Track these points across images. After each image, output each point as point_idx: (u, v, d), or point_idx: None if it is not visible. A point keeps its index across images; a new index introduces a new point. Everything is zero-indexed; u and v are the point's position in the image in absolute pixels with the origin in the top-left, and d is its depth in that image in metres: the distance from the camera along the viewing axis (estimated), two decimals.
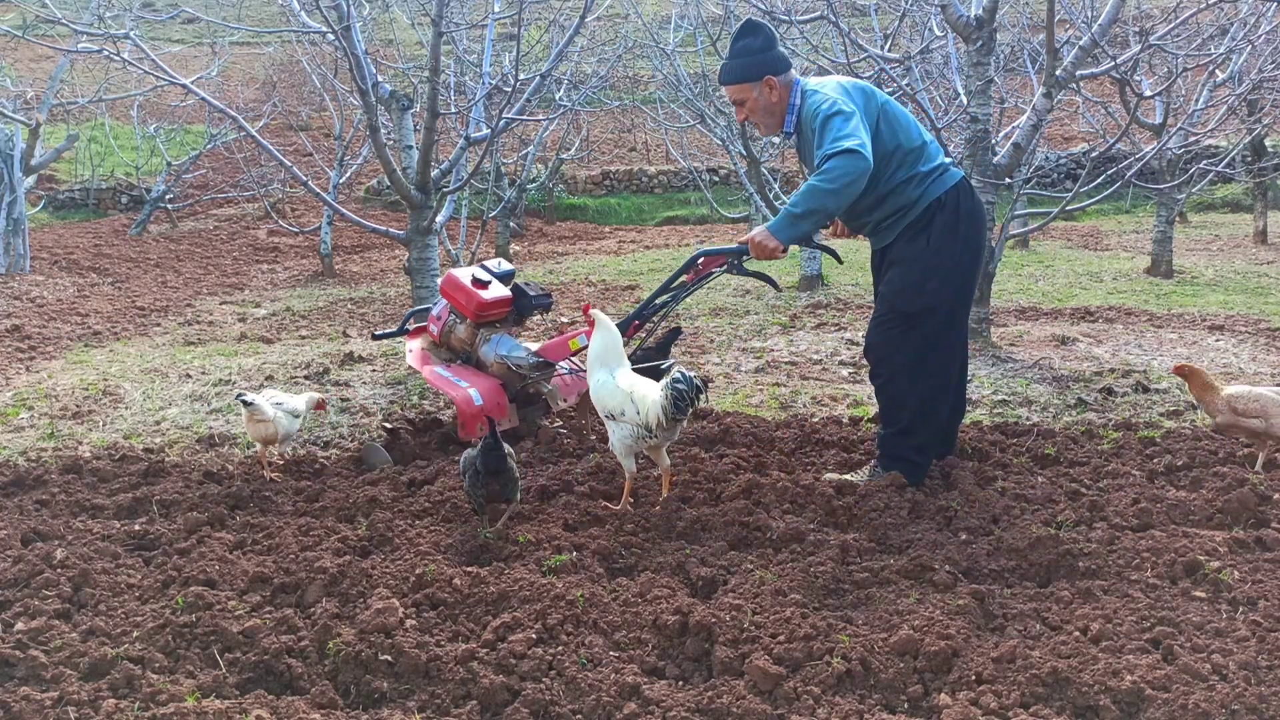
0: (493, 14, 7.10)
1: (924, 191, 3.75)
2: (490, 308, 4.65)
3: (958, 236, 3.76)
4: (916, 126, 3.84)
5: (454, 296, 4.68)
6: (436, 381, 4.57)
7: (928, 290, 3.76)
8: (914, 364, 3.83)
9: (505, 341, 4.68)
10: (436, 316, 4.76)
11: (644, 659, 2.72)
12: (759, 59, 3.77)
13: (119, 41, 5.91)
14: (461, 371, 4.64)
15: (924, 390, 3.85)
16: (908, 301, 3.79)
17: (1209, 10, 7.56)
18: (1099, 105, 10.80)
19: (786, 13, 7.89)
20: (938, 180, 3.77)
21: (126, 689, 2.58)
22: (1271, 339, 6.83)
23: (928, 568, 3.16)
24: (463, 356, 4.75)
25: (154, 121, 16.59)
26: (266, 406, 4.21)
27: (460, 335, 4.72)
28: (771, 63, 3.77)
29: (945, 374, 3.91)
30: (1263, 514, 3.52)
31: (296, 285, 11.18)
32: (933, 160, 3.79)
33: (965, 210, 3.79)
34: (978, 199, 3.85)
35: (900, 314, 3.81)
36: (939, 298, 3.77)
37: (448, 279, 4.72)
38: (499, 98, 7.66)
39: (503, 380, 4.60)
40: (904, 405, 3.87)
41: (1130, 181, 7.30)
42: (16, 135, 11.17)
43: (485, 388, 4.47)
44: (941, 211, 3.76)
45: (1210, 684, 2.49)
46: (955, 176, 3.81)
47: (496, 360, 4.63)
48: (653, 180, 18.64)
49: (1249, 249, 12.34)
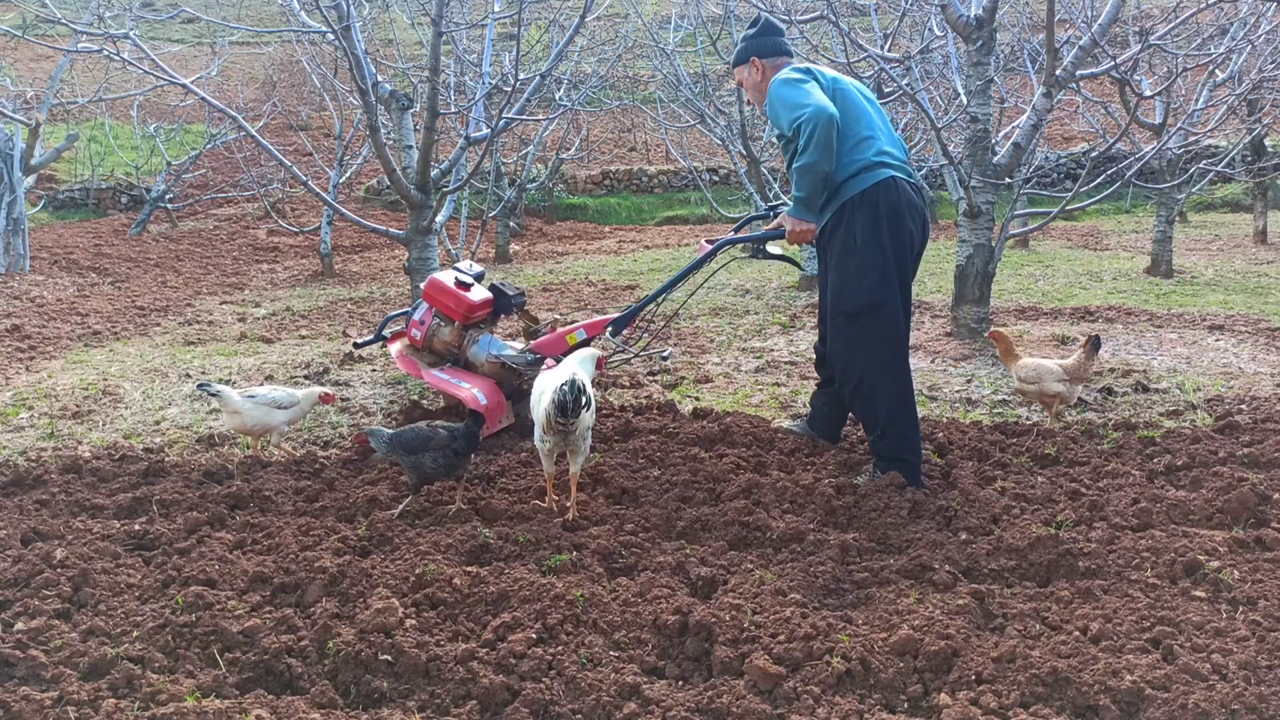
0: (493, 14, 7.10)
1: (843, 184, 3.89)
2: (478, 309, 4.76)
3: (880, 231, 3.87)
4: (865, 120, 3.96)
5: (440, 300, 4.75)
6: (438, 384, 4.61)
7: (866, 286, 3.88)
8: (875, 362, 3.94)
9: (495, 341, 4.77)
10: (419, 321, 4.79)
11: (644, 659, 2.72)
12: (749, 44, 4.17)
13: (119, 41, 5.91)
14: (457, 373, 4.69)
15: (892, 386, 3.96)
16: (852, 301, 3.93)
17: (1209, 10, 7.56)
18: (1099, 105, 10.79)
19: (787, 13, 7.89)
20: (859, 176, 3.88)
21: (126, 689, 2.58)
22: (1271, 339, 6.83)
23: (928, 568, 3.16)
24: (450, 358, 4.78)
25: (154, 121, 16.59)
26: (233, 397, 4.31)
27: (445, 338, 4.78)
28: (758, 47, 4.14)
29: (905, 365, 4.02)
30: (1263, 514, 3.53)
31: (296, 285, 11.18)
32: (865, 154, 3.89)
33: (886, 206, 3.88)
34: (908, 199, 3.93)
35: (848, 316, 3.95)
36: (879, 292, 3.89)
37: (431, 283, 4.79)
38: (499, 97, 7.66)
39: (497, 379, 4.65)
40: (877, 405, 3.98)
41: (1130, 181, 7.29)
42: (16, 135, 11.16)
43: (485, 388, 4.53)
44: (860, 209, 3.88)
45: (1210, 684, 2.49)
46: (881, 175, 3.90)
47: (488, 360, 4.67)
48: (653, 180, 18.64)
49: (1249, 249, 12.34)
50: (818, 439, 4.46)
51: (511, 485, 4.03)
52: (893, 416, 3.95)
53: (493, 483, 4.07)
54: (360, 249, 14.41)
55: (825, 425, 4.47)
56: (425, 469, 3.69)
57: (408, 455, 3.71)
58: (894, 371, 3.96)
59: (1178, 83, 8.56)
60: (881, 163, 3.90)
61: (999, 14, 7.19)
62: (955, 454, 4.36)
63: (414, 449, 3.70)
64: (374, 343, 5.18)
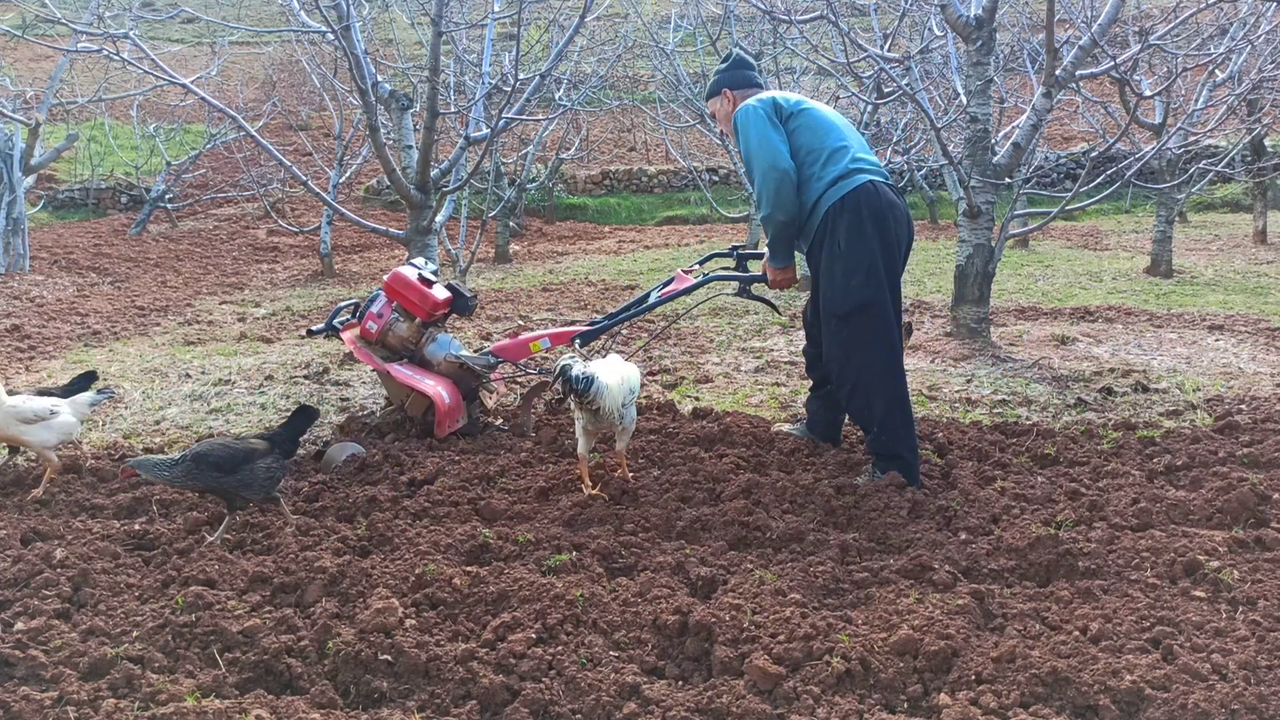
0: (492, 14, 7.10)
1: (820, 197, 3.96)
2: (441, 307, 4.79)
3: (865, 234, 3.91)
4: (835, 133, 4.04)
5: (404, 295, 4.75)
6: (402, 378, 4.61)
7: (854, 287, 3.92)
8: (868, 364, 3.97)
9: (454, 342, 4.80)
10: (376, 314, 4.76)
11: (644, 659, 2.72)
12: (722, 77, 4.35)
13: (119, 41, 5.91)
14: (419, 370, 4.69)
15: (887, 387, 3.98)
16: (841, 303, 3.97)
17: (1209, 10, 7.56)
18: (1099, 105, 10.79)
19: (787, 13, 7.89)
20: (837, 185, 3.94)
21: (126, 689, 2.58)
22: (1271, 339, 6.83)
23: (928, 568, 3.16)
24: (405, 354, 4.78)
25: (154, 121, 16.58)
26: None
27: (402, 333, 4.75)
28: (730, 80, 4.31)
29: (899, 365, 4.05)
30: (1262, 514, 3.53)
31: (296, 285, 11.17)
32: (840, 164, 3.96)
33: (869, 210, 3.93)
34: (888, 200, 3.98)
35: (840, 318, 3.99)
36: (867, 292, 3.92)
37: (395, 277, 4.79)
38: (499, 97, 7.66)
39: (453, 379, 4.70)
40: (873, 405, 4.00)
41: (1130, 181, 7.29)
42: (16, 135, 11.16)
43: (446, 387, 4.57)
44: (841, 214, 3.93)
45: (1210, 684, 2.49)
46: (859, 180, 3.94)
47: (446, 360, 4.69)
48: (653, 180, 18.64)
49: (1249, 249, 12.34)
50: (819, 441, 4.47)
51: (512, 485, 4.02)
52: (889, 415, 3.96)
53: (493, 483, 4.06)
54: (360, 249, 14.41)
55: (824, 428, 4.49)
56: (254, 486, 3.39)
57: (226, 477, 3.36)
58: (888, 371, 3.98)
59: (1178, 83, 8.56)
60: (858, 169, 3.97)
61: (999, 14, 7.19)
62: (955, 454, 4.36)
63: (229, 467, 3.35)
64: (325, 332, 5.16)
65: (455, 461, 4.25)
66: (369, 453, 4.36)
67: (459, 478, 4.04)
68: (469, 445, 4.53)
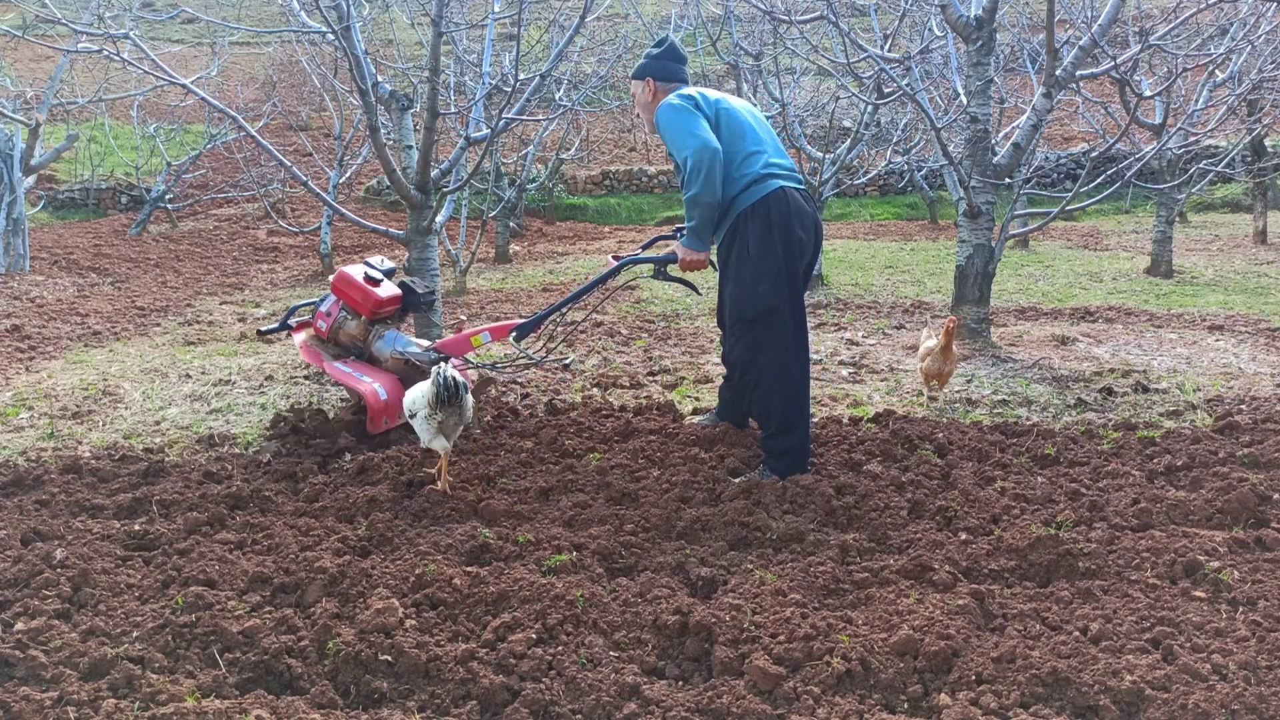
0: (493, 14, 7.10)
1: (735, 198, 4.01)
2: (385, 304, 4.86)
3: (773, 240, 3.98)
4: (752, 136, 4.08)
5: (348, 293, 4.84)
6: (340, 376, 4.68)
7: (761, 293, 4.00)
8: (772, 364, 4.06)
9: (400, 338, 4.84)
10: (326, 313, 4.89)
11: (644, 659, 2.72)
12: (650, 63, 4.28)
13: (119, 41, 5.90)
14: (360, 366, 4.75)
15: (787, 388, 4.07)
16: (747, 308, 4.05)
17: (1209, 10, 7.56)
18: (1099, 105, 10.79)
19: (787, 13, 7.90)
20: (750, 189, 4.00)
21: (126, 689, 2.58)
22: (1271, 339, 6.83)
23: (928, 568, 3.16)
24: (354, 351, 4.87)
25: (154, 121, 16.58)
26: None
27: (351, 331, 4.87)
28: (657, 69, 4.26)
29: (804, 368, 4.14)
30: (1262, 514, 3.53)
31: (296, 285, 11.17)
32: (753, 167, 4.01)
33: (778, 216, 3.99)
34: (797, 206, 4.04)
35: (747, 322, 4.08)
36: (773, 298, 4.00)
37: (340, 276, 4.88)
38: (499, 98, 7.66)
39: (399, 375, 4.73)
40: (773, 405, 4.09)
41: (1130, 181, 7.30)
42: (16, 135, 11.16)
43: (386, 383, 4.61)
44: (752, 219, 3.99)
45: (1210, 684, 2.49)
46: (771, 186, 4.00)
47: (393, 356, 4.74)
48: (653, 180, 18.64)
49: (1249, 249, 12.34)
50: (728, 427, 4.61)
51: (512, 485, 4.03)
52: (787, 419, 4.08)
53: (493, 483, 4.07)
54: (360, 249, 14.40)
55: (734, 414, 4.66)
56: None
57: None
58: (791, 374, 4.08)
59: (1178, 83, 8.56)
60: (770, 174, 4.02)
61: (999, 14, 7.19)
62: (955, 454, 4.36)
63: None
64: (279, 331, 5.24)
65: (455, 461, 4.25)
66: (369, 454, 4.36)
67: (459, 478, 4.04)
68: (469, 445, 4.53)
